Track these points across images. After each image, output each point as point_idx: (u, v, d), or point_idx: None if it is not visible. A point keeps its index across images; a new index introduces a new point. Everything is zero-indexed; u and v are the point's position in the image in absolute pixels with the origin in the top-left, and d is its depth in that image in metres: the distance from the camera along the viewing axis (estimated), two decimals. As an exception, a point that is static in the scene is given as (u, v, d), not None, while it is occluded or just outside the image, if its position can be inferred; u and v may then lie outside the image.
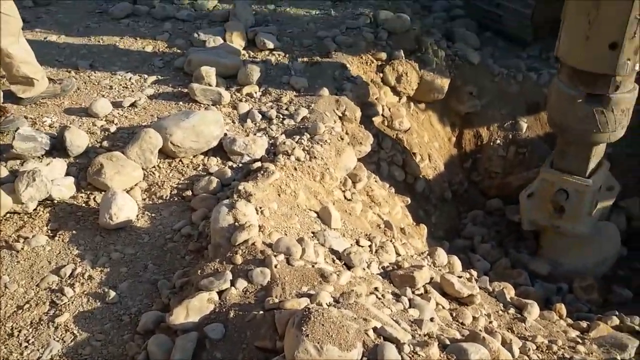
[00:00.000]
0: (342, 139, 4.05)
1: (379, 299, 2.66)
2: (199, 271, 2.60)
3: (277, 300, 2.28)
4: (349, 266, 2.92)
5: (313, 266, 2.59)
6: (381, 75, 5.30)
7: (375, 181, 4.78)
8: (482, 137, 5.78)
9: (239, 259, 2.59)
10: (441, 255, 3.92)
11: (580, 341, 3.14)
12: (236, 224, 2.77)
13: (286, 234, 2.91)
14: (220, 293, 2.44)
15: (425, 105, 5.62)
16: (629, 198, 5.52)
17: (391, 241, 3.52)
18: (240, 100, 4.43)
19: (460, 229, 5.44)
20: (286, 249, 2.64)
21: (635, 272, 5.09)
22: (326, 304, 2.21)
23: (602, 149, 4.45)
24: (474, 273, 4.00)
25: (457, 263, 3.91)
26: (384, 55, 5.35)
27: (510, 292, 4.12)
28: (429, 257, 3.92)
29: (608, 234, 4.99)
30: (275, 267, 2.50)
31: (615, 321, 3.80)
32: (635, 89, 4.05)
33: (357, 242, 3.31)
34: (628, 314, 4.05)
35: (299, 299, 2.27)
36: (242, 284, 2.47)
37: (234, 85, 4.62)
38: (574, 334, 3.28)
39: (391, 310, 2.56)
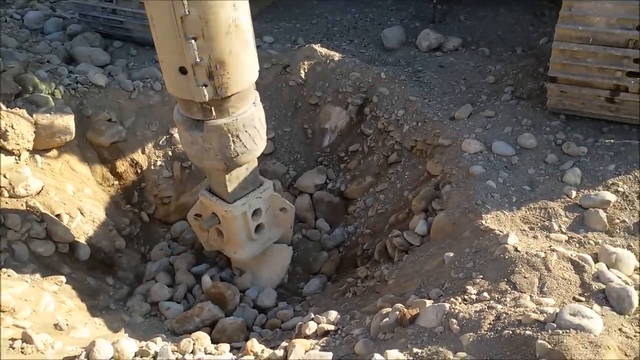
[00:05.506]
0: None
1: None
2: None
3: None
4: None
5: None
6: (-22, 138, 4.14)
7: (8, 275, 3.74)
8: (139, 163, 5.08)
9: None
10: (102, 349, 3.17)
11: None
12: None
13: None
14: None
15: (57, 151, 4.65)
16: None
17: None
18: None
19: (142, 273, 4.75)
20: None
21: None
22: None
23: (243, 172, 3.95)
24: (153, 348, 3.37)
25: (125, 350, 3.21)
26: (-29, 114, 4.19)
27: (202, 343, 3.64)
28: (87, 358, 3.14)
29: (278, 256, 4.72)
30: None
31: (313, 327, 3.61)
32: (248, 110, 3.56)
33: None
34: (323, 309, 3.93)
35: None
36: None
37: None
38: (265, 380, 2.91)
39: None
